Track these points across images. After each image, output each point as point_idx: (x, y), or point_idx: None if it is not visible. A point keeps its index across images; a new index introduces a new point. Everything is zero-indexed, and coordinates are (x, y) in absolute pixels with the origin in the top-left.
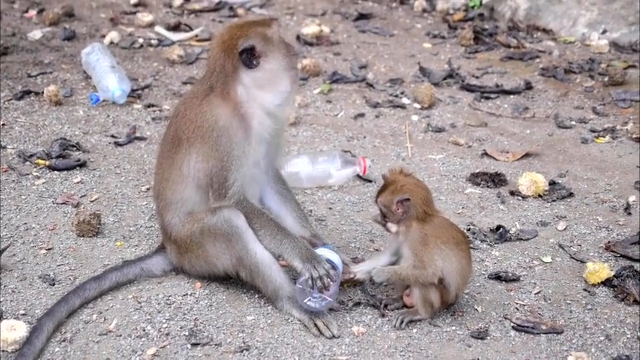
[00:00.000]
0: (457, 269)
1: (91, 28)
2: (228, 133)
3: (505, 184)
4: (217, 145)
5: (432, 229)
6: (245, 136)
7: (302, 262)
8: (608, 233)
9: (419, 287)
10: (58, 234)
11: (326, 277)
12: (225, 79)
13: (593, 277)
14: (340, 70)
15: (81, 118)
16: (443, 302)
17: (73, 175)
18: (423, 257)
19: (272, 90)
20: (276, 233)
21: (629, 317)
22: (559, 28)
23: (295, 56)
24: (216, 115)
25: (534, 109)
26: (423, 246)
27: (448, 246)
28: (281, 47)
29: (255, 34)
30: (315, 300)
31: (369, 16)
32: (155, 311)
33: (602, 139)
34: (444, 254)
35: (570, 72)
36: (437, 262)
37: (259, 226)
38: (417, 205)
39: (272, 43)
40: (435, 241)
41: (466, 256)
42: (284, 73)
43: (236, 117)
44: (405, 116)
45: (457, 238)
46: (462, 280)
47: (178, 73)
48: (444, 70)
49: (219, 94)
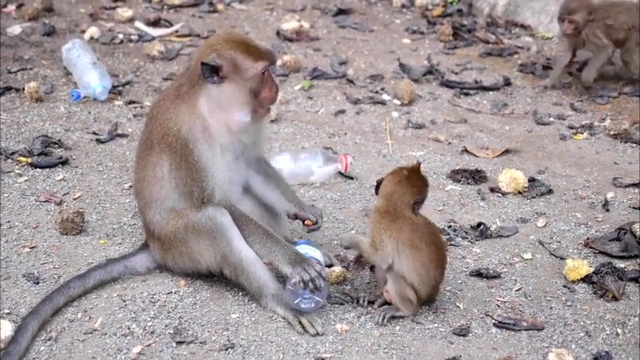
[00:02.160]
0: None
1: (70, 24)
2: (191, 143)
3: (485, 180)
4: (183, 154)
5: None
6: (209, 147)
7: (292, 267)
8: (587, 230)
9: (393, 283)
10: (42, 232)
11: (317, 279)
12: (193, 84)
13: (572, 273)
14: (320, 66)
15: (62, 114)
16: (417, 298)
17: (56, 173)
18: (376, 240)
19: (230, 114)
20: (265, 240)
21: (609, 313)
22: (537, 24)
23: (264, 107)
24: (179, 123)
25: (513, 106)
26: (380, 228)
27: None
28: (252, 83)
29: (231, 57)
30: (306, 301)
31: (348, 12)
32: (140, 309)
33: (580, 135)
34: (399, 250)
35: (548, 68)
36: (387, 248)
37: (248, 232)
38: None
39: (244, 76)
40: (393, 235)
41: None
42: (244, 106)
43: (199, 127)
44: (385, 112)
45: (414, 242)
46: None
47: (159, 69)
48: (424, 66)
49: (186, 99)
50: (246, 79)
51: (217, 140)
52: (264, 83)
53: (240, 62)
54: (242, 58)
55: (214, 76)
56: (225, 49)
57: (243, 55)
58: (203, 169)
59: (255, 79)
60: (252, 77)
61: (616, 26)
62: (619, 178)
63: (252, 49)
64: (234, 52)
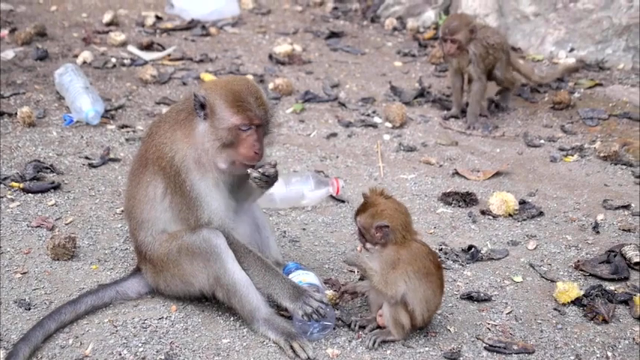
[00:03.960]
0: (422, 298)
1: (63, 48)
2: (184, 172)
3: (476, 203)
4: (177, 182)
5: (406, 255)
6: (201, 177)
7: (292, 302)
8: (578, 252)
9: (389, 308)
10: (33, 257)
11: (320, 308)
12: (190, 112)
13: (563, 296)
14: (312, 90)
15: (55, 139)
16: (412, 325)
17: (48, 198)
18: (388, 279)
19: (210, 154)
20: (264, 273)
21: (599, 336)
22: (527, 47)
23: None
24: (174, 150)
25: (504, 128)
26: (391, 269)
27: (417, 275)
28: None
29: (214, 101)
30: (316, 329)
31: (340, 35)
32: (131, 335)
33: (570, 157)
34: (410, 282)
35: (537, 91)
36: (399, 287)
37: (246, 265)
38: (397, 231)
39: (218, 124)
40: (405, 268)
41: (434, 286)
42: (220, 153)
43: (192, 157)
44: (376, 135)
45: (428, 269)
46: (428, 307)
47: (152, 93)
48: (415, 89)
49: (182, 127)
50: (220, 129)
51: (209, 172)
52: (242, 140)
53: (218, 110)
54: (222, 107)
55: (201, 111)
56: (215, 91)
57: (224, 105)
58: (196, 199)
59: (230, 133)
60: (225, 129)
61: (495, 46)
62: (609, 200)
63: (236, 103)
64: (218, 98)
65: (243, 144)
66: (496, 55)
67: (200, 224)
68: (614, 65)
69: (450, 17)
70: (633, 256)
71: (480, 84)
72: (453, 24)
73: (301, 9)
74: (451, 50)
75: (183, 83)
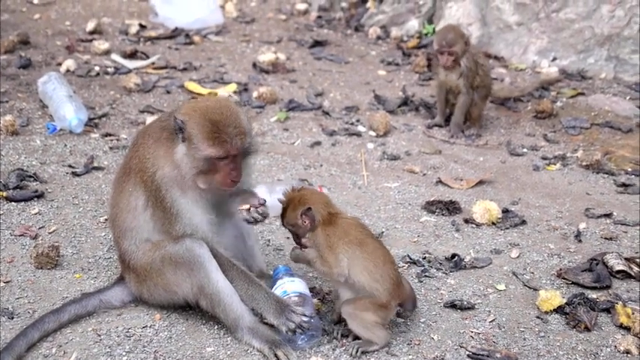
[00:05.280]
0: (363, 268)
1: (46, 56)
2: (164, 189)
3: (459, 212)
4: (158, 196)
5: (336, 231)
6: (182, 194)
7: (276, 318)
8: (560, 260)
9: (350, 321)
10: (16, 266)
11: (303, 322)
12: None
13: (545, 304)
14: (296, 98)
15: (38, 147)
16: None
17: (31, 207)
18: (328, 258)
19: (190, 174)
20: (247, 287)
21: (581, 344)
22: (510, 56)
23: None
24: (156, 166)
25: (487, 137)
26: (327, 248)
27: (351, 246)
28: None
29: (191, 130)
30: (302, 340)
31: (324, 44)
32: (115, 344)
33: (553, 166)
34: (349, 254)
35: (520, 100)
36: (342, 262)
37: (230, 278)
38: (320, 210)
39: (194, 153)
40: (339, 243)
41: (373, 257)
42: (199, 176)
43: (172, 174)
44: (360, 144)
45: (360, 239)
46: (373, 278)
47: (135, 102)
48: (399, 98)
49: (165, 144)
50: (197, 157)
51: (190, 190)
52: (219, 168)
53: (195, 139)
54: (199, 137)
55: (180, 134)
56: (193, 119)
57: (201, 136)
58: (177, 215)
59: (206, 162)
60: (201, 158)
61: (484, 67)
62: (591, 209)
63: (213, 134)
64: (195, 128)
65: (220, 172)
66: (483, 78)
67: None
68: (596, 75)
69: (443, 29)
70: (615, 265)
71: (467, 97)
72: (449, 36)
73: (285, 18)
74: (448, 62)
75: (167, 92)
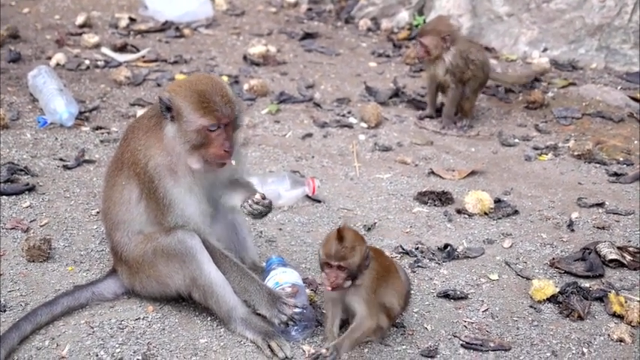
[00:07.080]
0: (395, 292)
1: (36, 50)
2: (157, 179)
3: (452, 202)
4: (151, 188)
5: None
6: (175, 184)
7: (268, 310)
8: (553, 250)
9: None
10: (8, 260)
11: (295, 314)
12: (159, 117)
13: (538, 293)
14: (287, 90)
15: (29, 141)
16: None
17: (22, 200)
18: (375, 305)
19: (182, 155)
20: (240, 279)
21: (574, 333)
22: (501, 46)
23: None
24: (148, 157)
25: (479, 128)
26: (372, 292)
27: (387, 280)
28: (195, 136)
29: (179, 104)
30: (296, 331)
31: (314, 36)
32: (108, 336)
33: (544, 156)
34: (388, 290)
35: (511, 91)
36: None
37: (223, 270)
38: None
39: (185, 127)
40: (377, 278)
41: (396, 277)
42: (191, 154)
43: (165, 163)
44: (352, 136)
45: (385, 266)
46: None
47: (126, 95)
48: (390, 89)
49: (154, 132)
50: (189, 131)
51: (183, 178)
52: (212, 140)
53: (185, 113)
54: (188, 110)
55: (168, 114)
56: (180, 94)
57: (190, 107)
58: (170, 205)
59: (199, 134)
60: (193, 131)
61: (476, 62)
62: (583, 199)
63: (202, 104)
64: (183, 100)
65: (213, 144)
66: (475, 72)
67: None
68: (587, 65)
69: (430, 20)
70: (608, 254)
71: (456, 91)
72: (426, 28)
73: (275, 10)
74: (420, 53)
75: (158, 85)
